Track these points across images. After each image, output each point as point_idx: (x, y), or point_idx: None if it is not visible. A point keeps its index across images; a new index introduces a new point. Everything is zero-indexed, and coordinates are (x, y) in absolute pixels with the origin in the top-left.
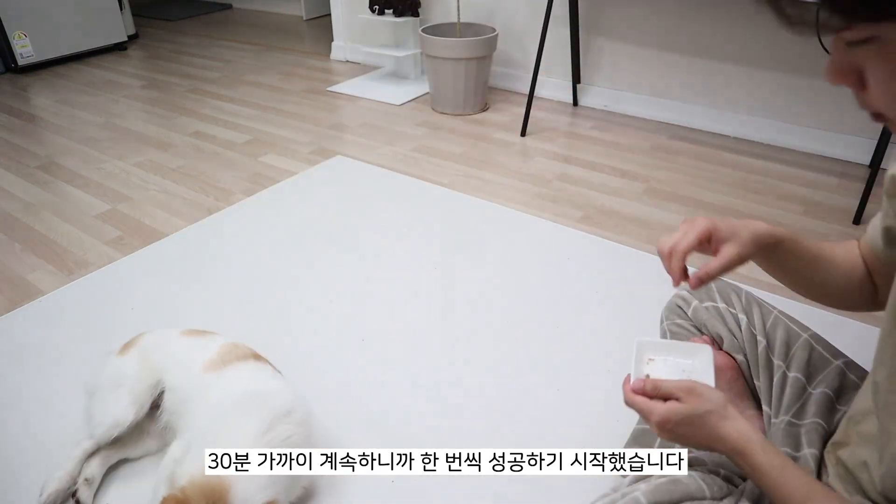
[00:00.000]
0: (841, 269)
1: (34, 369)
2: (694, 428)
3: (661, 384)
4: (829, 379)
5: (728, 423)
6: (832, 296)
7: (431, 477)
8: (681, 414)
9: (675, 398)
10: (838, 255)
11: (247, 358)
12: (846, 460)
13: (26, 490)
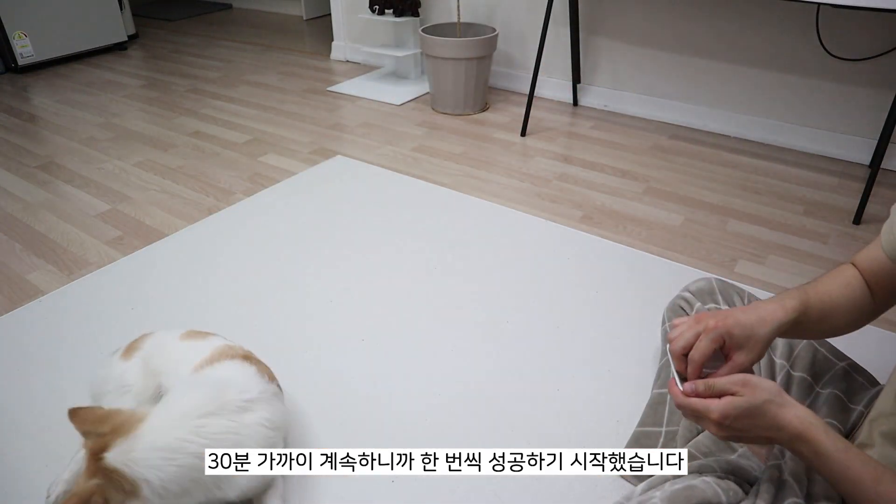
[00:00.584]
0: (842, 311)
1: (34, 369)
2: (754, 419)
3: (714, 382)
4: (836, 380)
5: (787, 410)
6: (836, 333)
7: (431, 477)
8: (740, 407)
9: (731, 392)
10: (838, 299)
11: (234, 357)
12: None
13: (27, 490)
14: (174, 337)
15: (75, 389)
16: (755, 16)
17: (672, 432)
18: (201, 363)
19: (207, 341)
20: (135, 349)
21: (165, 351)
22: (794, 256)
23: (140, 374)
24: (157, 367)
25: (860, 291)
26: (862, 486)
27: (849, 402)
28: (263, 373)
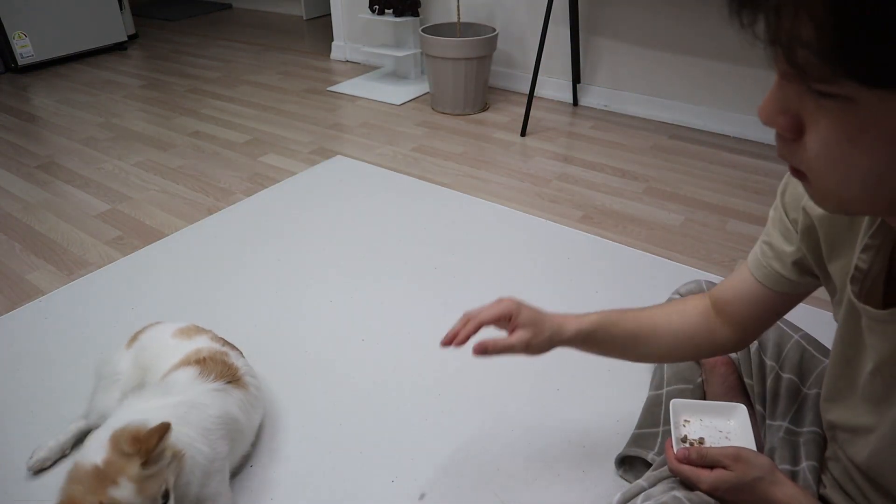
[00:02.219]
0: (661, 337)
1: (34, 369)
2: (744, 494)
3: (706, 452)
4: (822, 378)
5: (777, 489)
6: (658, 358)
7: (431, 477)
8: (729, 482)
9: (722, 466)
10: (659, 324)
11: (189, 364)
12: (839, 476)
13: (27, 490)
14: (168, 333)
15: (75, 389)
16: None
17: (669, 432)
18: (169, 371)
19: (192, 342)
20: (135, 340)
21: (156, 347)
22: None
23: (130, 367)
24: (144, 362)
25: (695, 321)
26: None
27: None
28: (210, 372)
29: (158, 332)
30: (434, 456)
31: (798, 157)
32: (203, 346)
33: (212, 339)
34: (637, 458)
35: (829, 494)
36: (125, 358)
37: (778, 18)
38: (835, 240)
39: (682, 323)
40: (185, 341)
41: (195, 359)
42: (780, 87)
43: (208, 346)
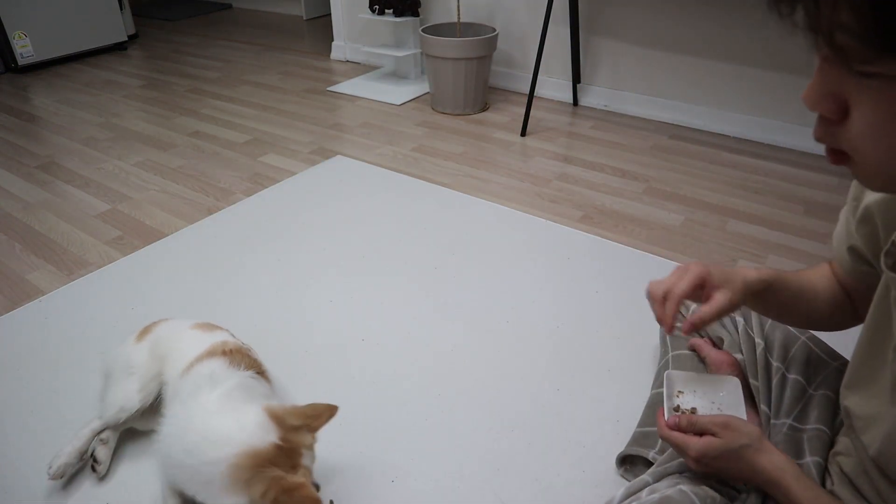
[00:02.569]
0: (822, 297)
1: (34, 369)
2: (730, 462)
3: (696, 420)
4: (829, 380)
5: (763, 456)
6: (818, 322)
7: (431, 477)
8: (717, 449)
9: (711, 433)
10: (818, 284)
11: (214, 355)
12: (850, 471)
13: (27, 489)
14: (186, 325)
15: (75, 389)
16: (755, 16)
17: None
18: (193, 361)
19: (212, 335)
20: (147, 332)
21: (174, 338)
22: (794, 256)
23: (146, 358)
24: (162, 353)
25: (837, 286)
26: None
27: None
28: (239, 363)
29: (174, 324)
30: (434, 456)
31: (841, 139)
32: (228, 339)
33: (232, 336)
34: (638, 457)
35: (837, 490)
36: (139, 350)
37: (817, 8)
38: (890, 224)
39: (832, 288)
40: (207, 333)
41: (222, 350)
42: (822, 72)
43: (232, 339)
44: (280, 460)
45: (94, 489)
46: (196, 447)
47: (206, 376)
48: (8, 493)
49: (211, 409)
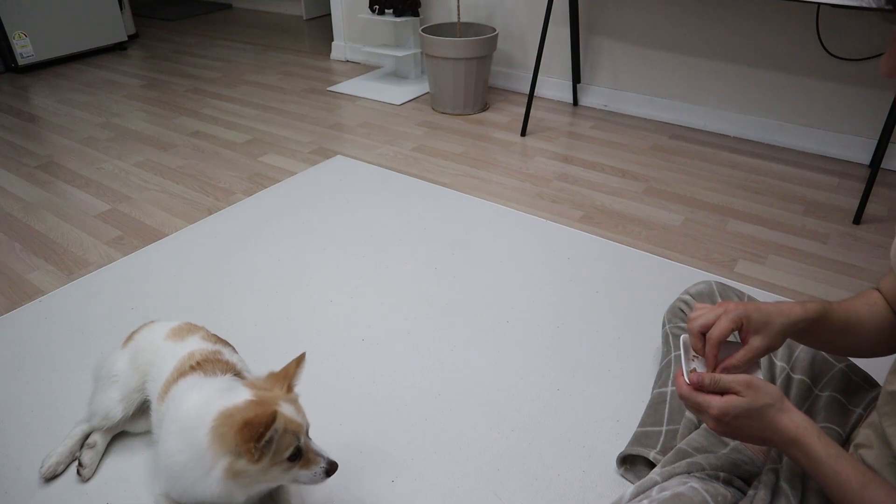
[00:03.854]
0: (868, 327)
1: (34, 369)
2: (751, 420)
3: (719, 378)
4: (834, 382)
5: (785, 416)
6: (860, 351)
7: (431, 477)
8: (739, 407)
9: (734, 392)
10: (864, 315)
11: (184, 374)
12: (872, 463)
13: (27, 489)
14: (161, 335)
15: (75, 389)
16: (755, 16)
17: (672, 431)
18: (169, 383)
19: (184, 343)
20: (130, 340)
21: (151, 350)
22: (794, 256)
23: (127, 369)
24: (142, 365)
25: (885, 313)
26: (849, 490)
27: (848, 405)
28: (213, 371)
29: (152, 333)
30: (434, 456)
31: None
32: (195, 349)
33: (204, 338)
34: (638, 456)
35: None
36: (121, 359)
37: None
38: None
39: (878, 316)
40: (178, 344)
41: (189, 366)
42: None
43: (200, 346)
44: (258, 407)
45: (93, 489)
46: (185, 439)
47: (183, 396)
48: (8, 493)
49: (188, 406)
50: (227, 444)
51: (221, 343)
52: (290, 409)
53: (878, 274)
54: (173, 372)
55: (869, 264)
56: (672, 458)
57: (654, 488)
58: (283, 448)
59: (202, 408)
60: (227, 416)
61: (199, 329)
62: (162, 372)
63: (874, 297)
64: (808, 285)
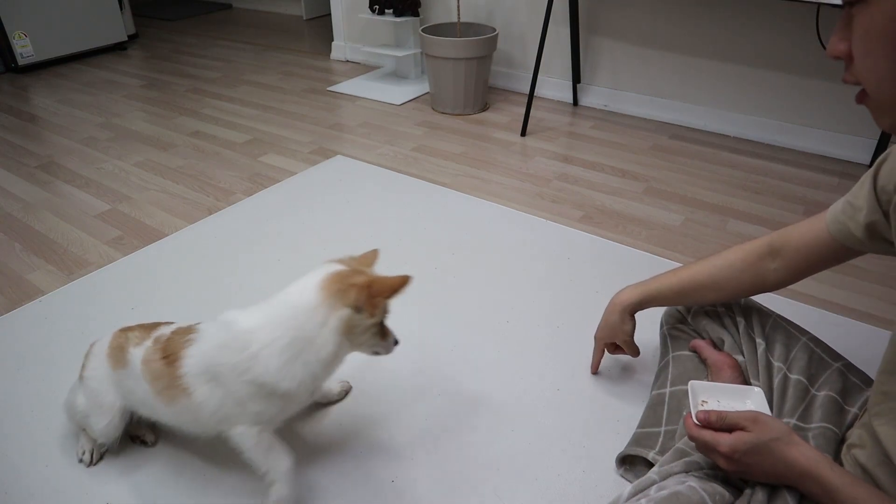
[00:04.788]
0: (709, 292)
1: (34, 369)
2: (762, 456)
3: (726, 414)
4: (831, 381)
5: (794, 449)
6: (708, 304)
7: (431, 477)
8: (748, 443)
9: (741, 428)
10: (704, 280)
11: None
12: (865, 462)
13: (27, 489)
14: (101, 354)
15: None
16: (755, 16)
17: (671, 432)
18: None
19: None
20: (84, 370)
21: (105, 377)
22: None
23: (93, 404)
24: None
25: (742, 272)
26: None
27: (844, 404)
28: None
29: (98, 359)
30: (434, 456)
31: (852, 74)
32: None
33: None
34: (638, 457)
35: None
36: (83, 394)
37: None
38: None
39: (726, 277)
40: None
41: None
42: (840, 24)
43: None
44: (356, 276)
45: (94, 489)
46: (284, 321)
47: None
48: (8, 493)
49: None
50: (346, 299)
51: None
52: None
53: (879, 273)
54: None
55: (869, 264)
56: (670, 457)
57: (652, 487)
58: (382, 312)
59: (292, 288)
60: (341, 277)
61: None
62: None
63: (740, 256)
64: (808, 285)
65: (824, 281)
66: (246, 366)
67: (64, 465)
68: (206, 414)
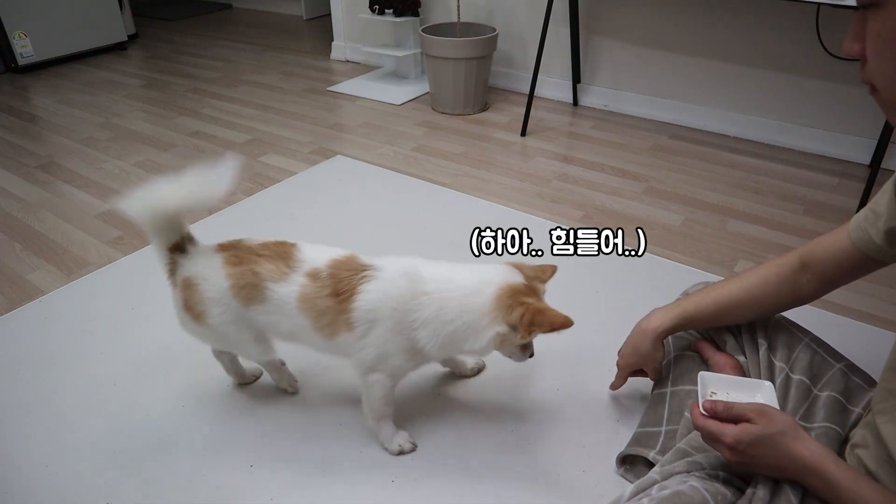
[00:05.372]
0: (749, 309)
1: (34, 369)
2: (766, 449)
3: (732, 405)
4: (833, 382)
5: (799, 444)
6: (756, 318)
7: (432, 477)
8: (753, 434)
9: (747, 419)
10: (743, 300)
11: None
12: (869, 462)
13: (28, 488)
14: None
15: (74, 389)
16: (755, 16)
17: (672, 431)
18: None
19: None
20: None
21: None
22: None
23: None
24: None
25: (778, 286)
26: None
27: (847, 404)
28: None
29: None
30: (434, 456)
31: (866, 74)
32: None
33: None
34: (638, 457)
35: None
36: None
37: None
38: None
39: (763, 293)
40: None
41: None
42: (854, 24)
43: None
44: (529, 295)
45: (93, 489)
46: (461, 297)
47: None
48: (9, 493)
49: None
50: (510, 317)
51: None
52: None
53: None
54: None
55: None
56: (671, 457)
57: (654, 487)
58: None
59: (479, 274)
60: (515, 293)
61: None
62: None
63: (773, 271)
64: None
65: None
66: (410, 325)
67: (64, 464)
68: (358, 351)
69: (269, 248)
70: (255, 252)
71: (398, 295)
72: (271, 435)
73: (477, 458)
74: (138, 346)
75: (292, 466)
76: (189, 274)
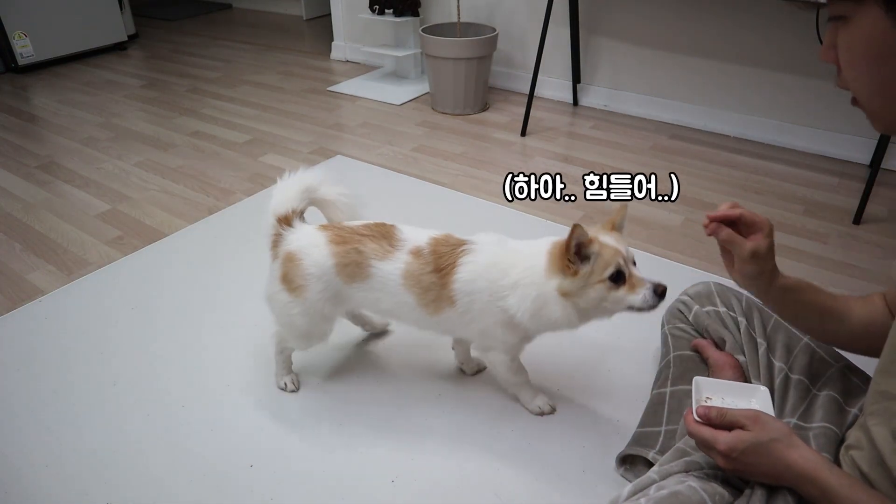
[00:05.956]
0: (853, 322)
1: (34, 369)
2: (760, 457)
3: (726, 411)
4: (832, 381)
5: (794, 451)
6: (840, 341)
7: (432, 476)
8: (747, 442)
9: (741, 426)
10: (853, 309)
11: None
12: (863, 464)
13: (28, 488)
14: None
15: (75, 389)
16: (755, 16)
17: (671, 431)
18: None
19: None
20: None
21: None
22: (794, 256)
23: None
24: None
25: (882, 317)
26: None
27: (845, 405)
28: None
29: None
30: (434, 456)
31: (843, 81)
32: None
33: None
34: (638, 457)
35: None
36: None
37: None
38: None
39: (872, 319)
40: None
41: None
42: (828, 34)
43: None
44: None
45: (94, 489)
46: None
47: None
48: (9, 493)
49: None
50: (554, 266)
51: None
52: (609, 238)
53: (878, 274)
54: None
55: (869, 264)
56: (670, 457)
57: (652, 487)
58: (602, 267)
59: (531, 248)
60: (556, 244)
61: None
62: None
63: (874, 298)
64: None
65: (822, 282)
66: (500, 293)
67: (64, 464)
68: (465, 328)
69: (371, 228)
70: (357, 232)
71: (491, 263)
72: (271, 435)
73: (477, 458)
74: (138, 345)
75: (292, 466)
76: (293, 248)
